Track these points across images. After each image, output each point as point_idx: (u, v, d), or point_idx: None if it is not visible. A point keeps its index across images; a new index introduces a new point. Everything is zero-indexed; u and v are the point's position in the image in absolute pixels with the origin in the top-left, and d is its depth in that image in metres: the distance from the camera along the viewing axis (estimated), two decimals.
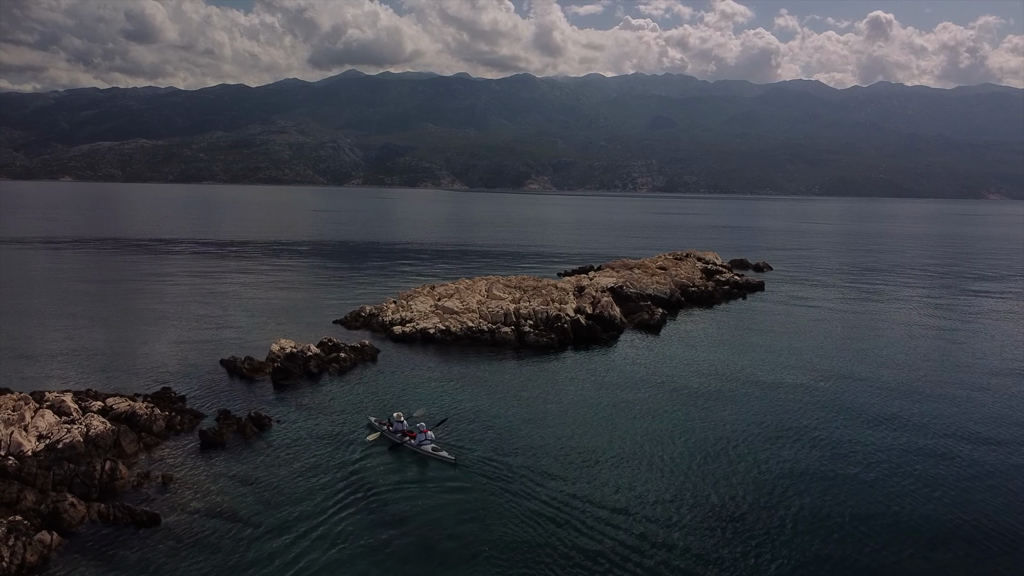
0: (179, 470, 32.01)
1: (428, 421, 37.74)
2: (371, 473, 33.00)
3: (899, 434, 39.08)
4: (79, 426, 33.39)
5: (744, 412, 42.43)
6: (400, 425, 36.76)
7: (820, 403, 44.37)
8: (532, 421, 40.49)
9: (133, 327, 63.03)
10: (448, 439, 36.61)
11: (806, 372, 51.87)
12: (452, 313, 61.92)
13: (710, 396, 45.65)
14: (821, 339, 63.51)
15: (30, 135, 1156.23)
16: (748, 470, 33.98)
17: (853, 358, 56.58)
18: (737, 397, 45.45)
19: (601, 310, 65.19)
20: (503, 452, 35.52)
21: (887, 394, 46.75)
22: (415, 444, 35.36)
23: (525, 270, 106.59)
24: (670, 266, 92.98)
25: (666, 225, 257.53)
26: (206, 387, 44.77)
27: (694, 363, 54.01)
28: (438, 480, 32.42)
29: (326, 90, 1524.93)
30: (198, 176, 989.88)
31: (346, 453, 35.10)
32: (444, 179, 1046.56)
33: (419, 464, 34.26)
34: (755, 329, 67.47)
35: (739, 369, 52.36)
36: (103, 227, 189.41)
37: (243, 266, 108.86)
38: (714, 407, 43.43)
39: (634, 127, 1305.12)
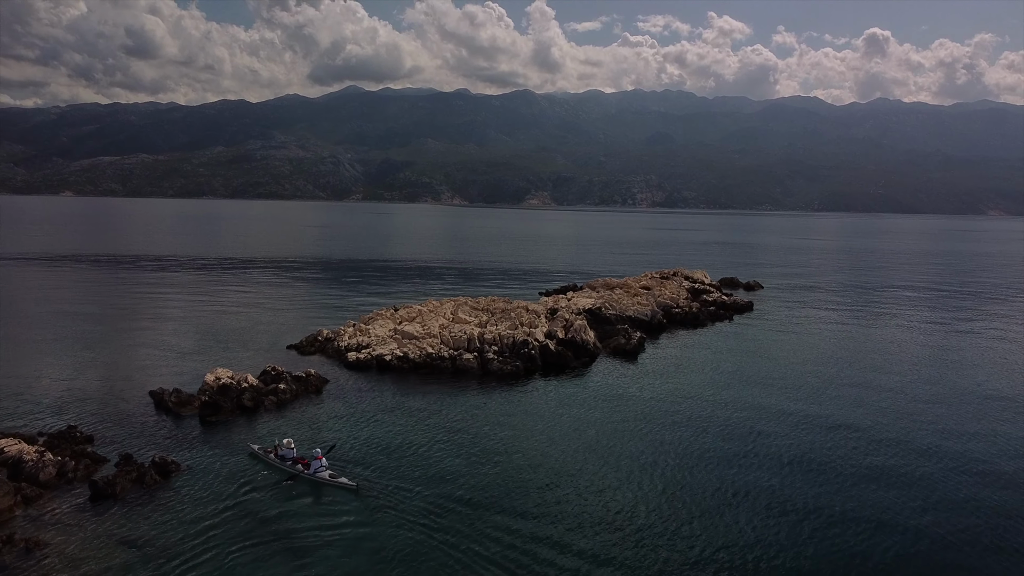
0: (53, 530, 27.83)
1: (300, 448, 35.78)
2: (273, 518, 29.31)
3: (896, 470, 34.91)
4: None
5: (713, 447, 38.29)
6: (290, 452, 34.60)
7: (802, 436, 40.18)
8: (466, 454, 37.15)
9: (65, 351, 58.89)
10: (364, 471, 32.69)
11: (790, 400, 47.66)
12: (411, 338, 57.83)
13: (679, 427, 41.50)
14: (809, 364, 59.35)
15: (31, 150, 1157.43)
16: (716, 514, 29.84)
17: (843, 385, 52.39)
18: (709, 429, 41.28)
19: (573, 334, 61.08)
20: (418, 481, 33.46)
21: (881, 424, 42.54)
22: (310, 472, 33.15)
23: (506, 290, 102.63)
24: (654, 286, 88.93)
25: (660, 241, 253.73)
26: (124, 423, 40.62)
27: (666, 392, 49.86)
28: (343, 512, 30.48)
29: (326, 106, 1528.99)
30: (198, 191, 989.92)
31: (253, 499, 31.29)
32: (444, 194, 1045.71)
33: (318, 495, 32.06)
34: (738, 354, 63.30)
35: (714, 399, 48.17)
36: (73, 242, 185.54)
37: (209, 284, 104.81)
38: (682, 440, 39.29)
39: (633, 143, 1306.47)
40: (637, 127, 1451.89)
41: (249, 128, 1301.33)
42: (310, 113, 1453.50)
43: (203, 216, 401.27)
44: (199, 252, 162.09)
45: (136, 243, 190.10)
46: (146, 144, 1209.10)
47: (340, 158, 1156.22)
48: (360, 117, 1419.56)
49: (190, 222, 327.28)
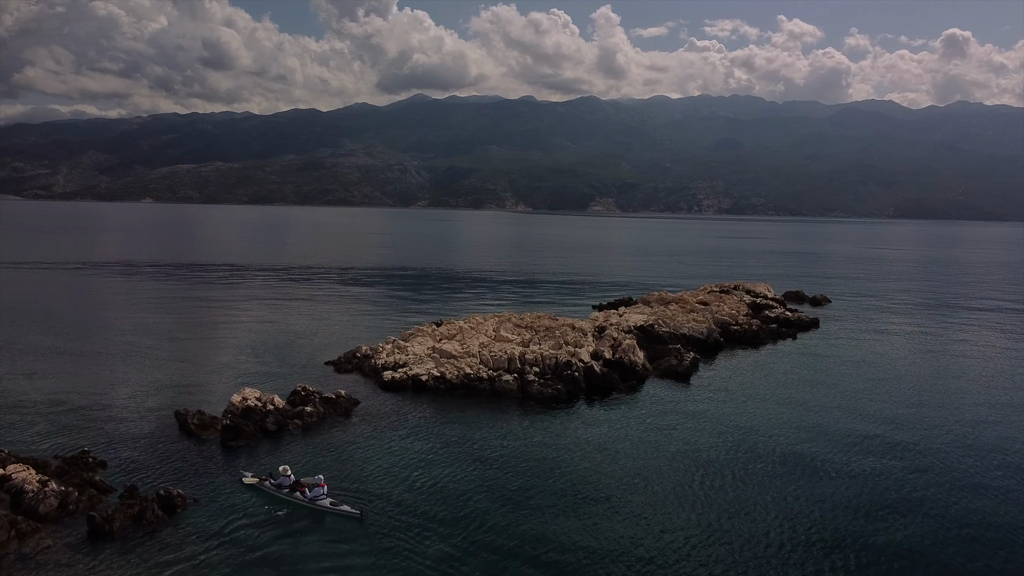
0: (40, 572, 26.17)
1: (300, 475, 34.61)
2: (276, 558, 27.21)
3: (987, 519, 30.75)
4: None
5: (771, 487, 34.60)
6: (286, 480, 33.45)
7: (872, 477, 36.12)
8: (492, 488, 34.56)
9: (102, 363, 58.34)
10: (377, 502, 30.12)
11: (858, 436, 43.37)
12: (450, 357, 55.43)
13: (732, 463, 37.88)
14: (879, 392, 54.66)
15: (115, 158, 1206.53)
16: (774, 565, 26.42)
17: (919, 417, 47.80)
18: (767, 466, 37.53)
19: (621, 355, 57.78)
20: (433, 516, 31.63)
21: (967, 466, 38.09)
22: (308, 499, 32.12)
23: (559, 303, 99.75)
24: (712, 301, 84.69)
25: (724, 251, 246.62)
26: (142, 447, 39.21)
27: (719, 422, 46.14)
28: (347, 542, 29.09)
29: (393, 114, 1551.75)
30: (270, 198, 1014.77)
31: (256, 536, 29.50)
32: (508, 201, 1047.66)
33: (319, 525, 30.72)
34: (800, 378, 58.90)
35: (773, 431, 44.21)
36: (140, 249, 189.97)
37: (261, 294, 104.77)
38: (735, 478, 35.72)
39: (700, 148, 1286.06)
40: (704, 133, 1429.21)
41: (319, 136, 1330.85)
42: (378, 121, 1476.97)
43: (271, 223, 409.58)
44: (259, 260, 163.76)
45: (200, 251, 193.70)
46: (221, 152, 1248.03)
47: (407, 165, 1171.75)
48: (426, 125, 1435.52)
49: (257, 229, 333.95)
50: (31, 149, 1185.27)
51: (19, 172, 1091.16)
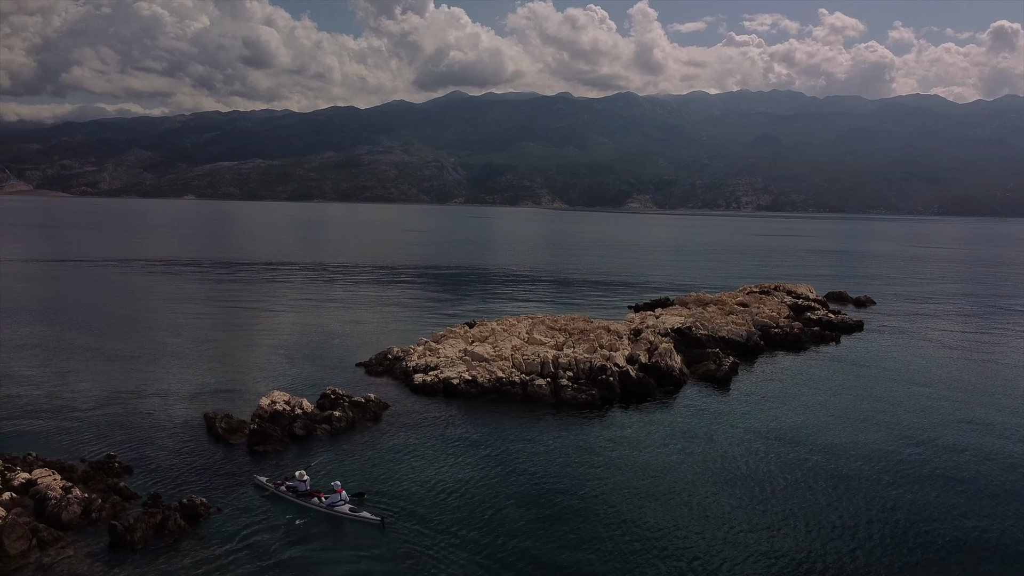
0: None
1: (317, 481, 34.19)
2: (296, 567, 26.17)
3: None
4: None
5: (810, 504, 32.88)
6: (302, 485, 32.80)
7: (918, 492, 34.21)
8: (519, 496, 33.59)
9: (132, 364, 58.27)
10: (402, 509, 29.15)
11: (903, 446, 41.33)
12: (481, 360, 54.35)
13: (772, 476, 36.20)
14: (926, 399, 52.36)
15: (158, 156, 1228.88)
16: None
17: (971, 425, 45.56)
18: (807, 479, 35.77)
19: (658, 359, 56.19)
20: (459, 523, 30.83)
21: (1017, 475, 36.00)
22: (326, 505, 31.57)
23: (594, 302, 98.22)
24: (752, 302, 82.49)
25: (763, 249, 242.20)
26: (169, 451, 38.75)
27: (758, 430, 44.39)
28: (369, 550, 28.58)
29: (430, 111, 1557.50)
30: (309, 195, 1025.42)
31: (277, 547, 28.91)
32: (544, 197, 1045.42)
33: (338, 532, 30.19)
34: (844, 384, 56.77)
35: (814, 441, 42.34)
36: (179, 246, 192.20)
37: (296, 292, 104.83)
38: (774, 493, 34.09)
39: (738, 144, 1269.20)
40: (742, 129, 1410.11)
41: (357, 134, 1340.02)
42: (415, 118, 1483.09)
43: (309, 220, 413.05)
44: (295, 257, 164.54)
45: (239, 248, 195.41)
46: (262, 150, 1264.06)
47: (443, 162, 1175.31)
48: (463, 122, 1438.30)
49: (295, 226, 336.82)
50: (78, 147, 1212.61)
51: (67, 170, 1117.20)
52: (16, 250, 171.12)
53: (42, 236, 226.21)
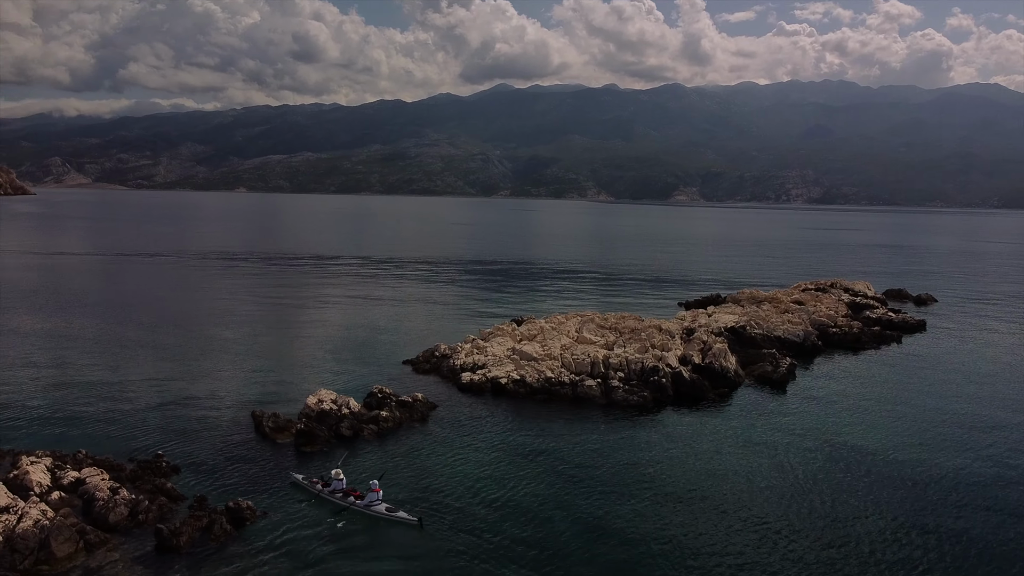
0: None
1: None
2: None
3: None
4: (11, 516, 27.47)
5: (880, 520, 31.01)
6: (339, 483, 32.50)
7: (1004, 506, 32.09)
8: (566, 502, 32.12)
9: (181, 358, 58.43)
10: (446, 513, 28.19)
11: (978, 462, 39.03)
12: (530, 359, 53.23)
13: (833, 488, 34.35)
14: (1000, 401, 49.72)
15: (210, 149, 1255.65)
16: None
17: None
18: (873, 492, 33.85)
19: (712, 360, 54.42)
20: (503, 528, 29.40)
21: None
22: (363, 505, 31.19)
23: (642, 299, 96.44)
24: (808, 300, 79.93)
25: (816, 243, 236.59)
26: (216, 450, 38.42)
27: (819, 436, 42.40)
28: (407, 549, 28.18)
29: (476, 104, 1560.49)
30: (356, 187, 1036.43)
31: (323, 553, 28.11)
32: (590, 190, 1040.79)
33: (376, 532, 29.85)
34: (909, 387, 54.29)
35: (881, 449, 40.26)
36: (227, 240, 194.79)
37: (342, 287, 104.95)
38: (836, 507, 32.29)
39: (788, 136, 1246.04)
40: (793, 120, 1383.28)
41: (404, 127, 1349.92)
42: (461, 111, 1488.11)
43: (356, 212, 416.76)
44: (342, 251, 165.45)
45: (287, 241, 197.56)
46: (311, 143, 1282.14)
47: (489, 155, 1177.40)
48: (508, 114, 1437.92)
49: (342, 219, 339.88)
50: (135, 141, 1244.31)
51: (124, 163, 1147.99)
52: (75, 243, 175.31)
53: (99, 229, 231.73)
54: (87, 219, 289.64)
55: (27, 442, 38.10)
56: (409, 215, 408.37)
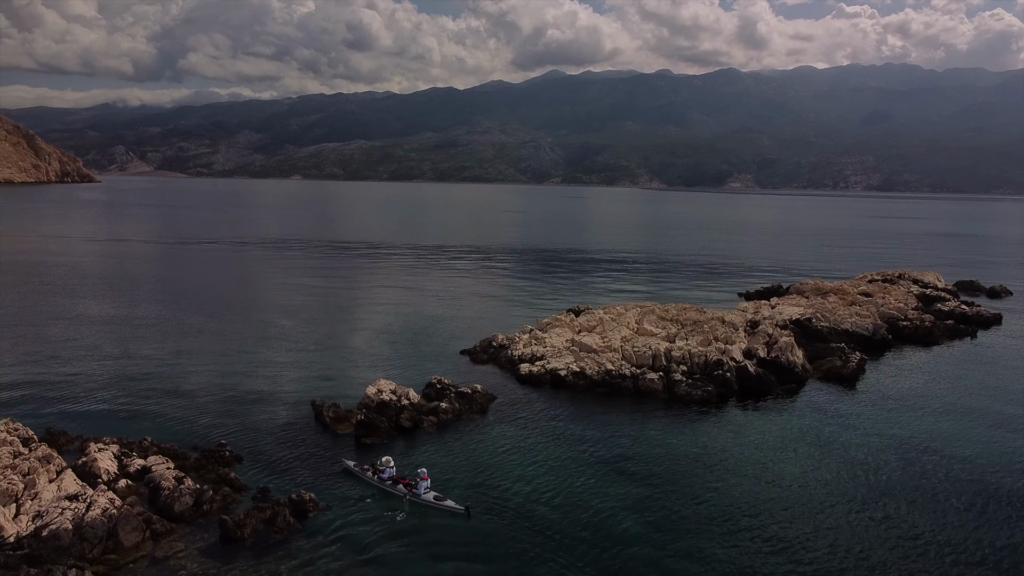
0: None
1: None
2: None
3: None
4: (81, 504, 27.67)
5: (954, 526, 29.32)
6: (389, 470, 32.65)
7: None
8: (624, 494, 30.89)
9: (241, 345, 58.93)
10: (502, 506, 27.51)
11: None
12: (590, 351, 52.23)
13: (905, 490, 32.65)
14: None
15: (267, 138, 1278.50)
16: None
17: None
18: (947, 500, 32.07)
19: (778, 354, 52.70)
20: (561, 523, 27.01)
21: None
22: (412, 493, 31.39)
23: (701, 290, 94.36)
24: (875, 291, 77.12)
25: (878, 232, 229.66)
26: (278, 440, 38.40)
27: (893, 436, 40.57)
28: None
29: (527, 91, 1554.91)
30: (409, 175, 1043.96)
31: (385, 548, 27.77)
32: (641, 177, 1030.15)
33: (428, 521, 29.88)
34: (986, 387, 51.69)
35: (957, 454, 38.23)
36: (283, 227, 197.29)
37: (393, 274, 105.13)
38: (908, 510, 30.68)
39: (847, 122, 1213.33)
40: (852, 105, 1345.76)
41: (455, 114, 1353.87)
42: (512, 98, 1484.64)
43: (408, 200, 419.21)
44: (394, 238, 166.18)
45: (341, 228, 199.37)
46: (364, 131, 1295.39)
47: (540, 142, 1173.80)
48: (560, 101, 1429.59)
49: (394, 206, 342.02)
50: (194, 130, 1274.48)
51: (184, 151, 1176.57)
52: (137, 230, 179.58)
53: (160, 216, 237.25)
54: (149, 206, 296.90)
55: (93, 428, 38.63)
56: (460, 203, 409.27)
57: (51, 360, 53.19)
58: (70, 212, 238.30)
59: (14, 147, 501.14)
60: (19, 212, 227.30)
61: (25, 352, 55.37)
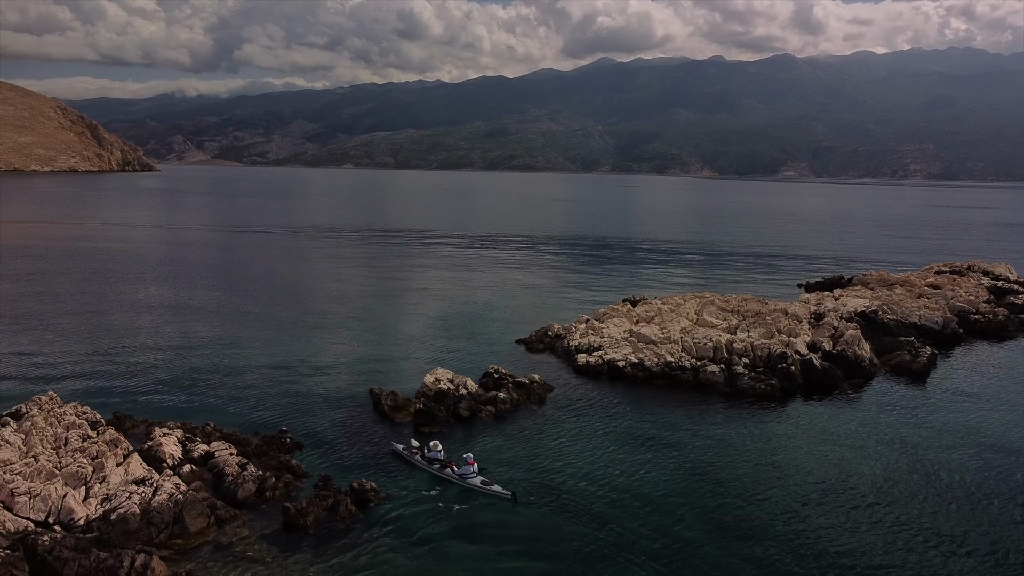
0: (237, 570, 25.09)
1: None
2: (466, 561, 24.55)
3: None
4: (147, 488, 27.92)
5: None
6: (437, 454, 33.17)
7: None
8: (682, 488, 29.99)
9: (298, 332, 59.38)
10: (561, 499, 26.89)
11: None
12: (648, 343, 51.24)
13: (984, 494, 31.08)
14: None
15: (319, 127, 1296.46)
16: None
17: None
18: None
19: (844, 347, 51.03)
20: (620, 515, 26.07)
21: None
22: (458, 476, 31.74)
23: (758, 280, 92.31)
24: (944, 283, 74.38)
25: (942, 222, 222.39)
26: (337, 427, 38.42)
27: (968, 435, 38.80)
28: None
29: (577, 79, 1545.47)
30: (458, 163, 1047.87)
31: (445, 540, 27.42)
32: (692, 166, 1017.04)
33: (475, 504, 30.14)
34: None
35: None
36: (336, 215, 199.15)
37: (446, 262, 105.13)
38: (988, 514, 29.20)
39: (907, 108, 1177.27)
40: (912, 90, 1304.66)
41: (505, 103, 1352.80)
42: (562, 86, 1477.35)
43: (458, 189, 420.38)
44: (446, 227, 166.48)
45: (393, 216, 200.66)
46: (414, 120, 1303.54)
47: (590, 130, 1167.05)
48: (610, 89, 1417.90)
49: (445, 195, 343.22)
50: (249, 119, 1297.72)
51: (239, 141, 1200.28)
52: (195, 217, 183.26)
53: (217, 204, 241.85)
54: (206, 194, 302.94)
55: (157, 412, 39.18)
56: (510, 191, 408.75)
57: (116, 345, 54.24)
58: (131, 200, 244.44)
59: (78, 137, 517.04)
60: (84, 200, 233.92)
61: (91, 337, 56.59)
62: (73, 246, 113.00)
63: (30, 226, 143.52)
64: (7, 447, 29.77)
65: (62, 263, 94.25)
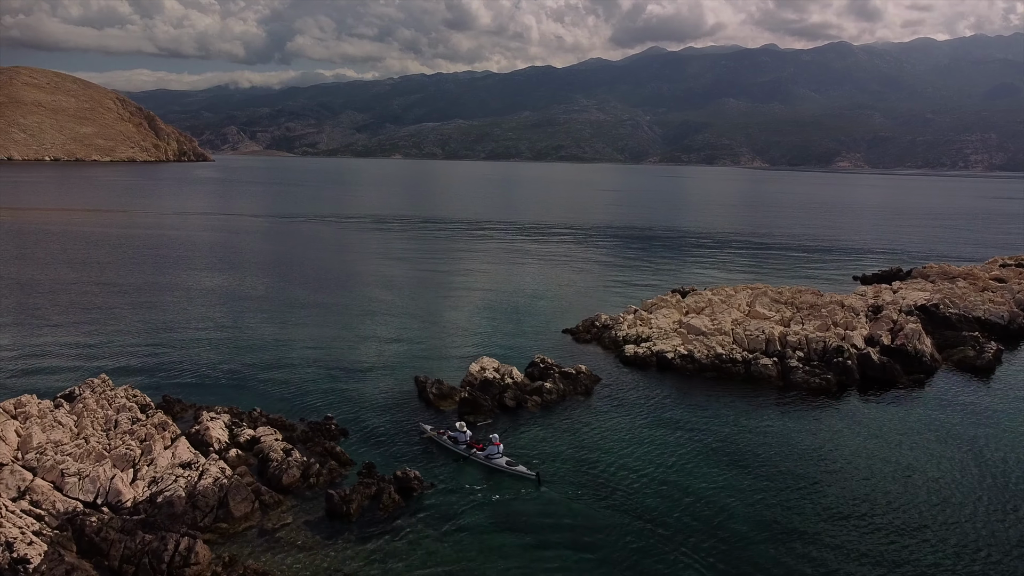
0: (280, 553, 24.99)
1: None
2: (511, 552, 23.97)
3: None
4: (194, 472, 27.99)
5: None
6: (464, 436, 33.37)
7: None
8: (731, 486, 29.07)
9: (345, 319, 59.70)
10: (610, 496, 26.12)
11: None
12: (699, 334, 50.05)
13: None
14: None
15: (369, 118, 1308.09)
16: None
17: None
18: None
19: (903, 341, 49.16)
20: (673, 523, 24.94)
21: None
22: (484, 456, 32.03)
23: (812, 272, 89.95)
24: (1010, 277, 71.36)
25: (1007, 214, 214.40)
26: (382, 414, 38.25)
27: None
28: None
29: (626, 68, 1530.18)
30: (506, 154, 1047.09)
31: (489, 532, 26.87)
32: (743, 156, 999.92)
33: (500, 486, 30.13)
34: None
35: None
36: (385, 204, 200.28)
37: (492, 251, 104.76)
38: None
39: (968, 97, 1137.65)
40: (975, 79, 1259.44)
41: (553, 93, 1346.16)
42: (611, 76, 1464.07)
43: (506, 179, 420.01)
44: (493, 216, 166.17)
45: (441, 206, 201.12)
46: (463, 111, 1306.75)
47: (638, 120, 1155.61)
48: (659, 79, 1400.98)
49: (493, 185, 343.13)
50: (300, 111, 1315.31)
51: (291, 131, 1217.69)
52: (248, 206, 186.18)
53: (269, 193, 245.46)
54: (259, 184, 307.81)
55: (205, 396, 39.50)
56: (557, 181, 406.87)
57: (167, 330, 55.04)
58: (187, 189, 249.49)
59: (137, 128, 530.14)
60: (141, 189, 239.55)
61: (143, 322, 57.54)
62: (130, 233, 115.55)
63: (90, 214, 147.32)
64: (59, 428, 30.21)
65: (120, 251, 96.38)
